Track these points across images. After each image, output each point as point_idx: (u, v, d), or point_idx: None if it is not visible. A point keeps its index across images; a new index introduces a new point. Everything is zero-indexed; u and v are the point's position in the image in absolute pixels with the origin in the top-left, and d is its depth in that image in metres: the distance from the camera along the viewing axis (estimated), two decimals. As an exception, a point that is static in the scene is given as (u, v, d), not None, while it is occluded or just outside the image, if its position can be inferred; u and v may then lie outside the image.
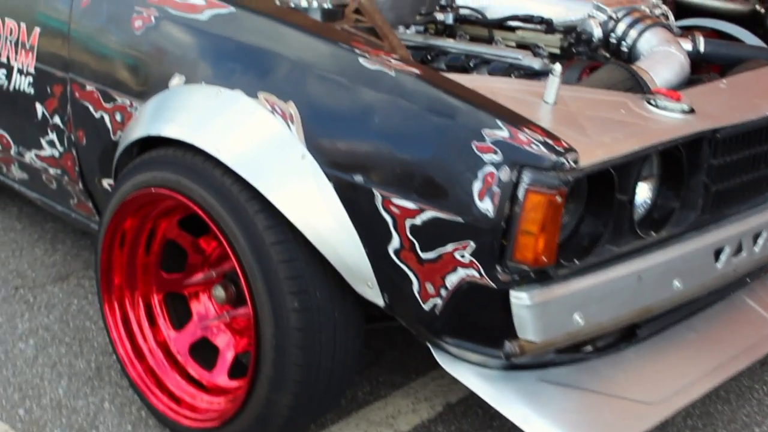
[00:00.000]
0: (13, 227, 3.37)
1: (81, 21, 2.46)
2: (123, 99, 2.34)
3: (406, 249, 1.88)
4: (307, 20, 2.16)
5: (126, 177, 2.23)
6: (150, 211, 2.24)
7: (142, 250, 2.30)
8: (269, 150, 2.00)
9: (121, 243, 2.28)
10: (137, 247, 2.29)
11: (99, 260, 2.30)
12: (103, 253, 2.29)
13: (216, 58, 2.15)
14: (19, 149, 2.82)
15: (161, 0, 2.28)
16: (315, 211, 1.95)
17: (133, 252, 2.30)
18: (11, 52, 2.68)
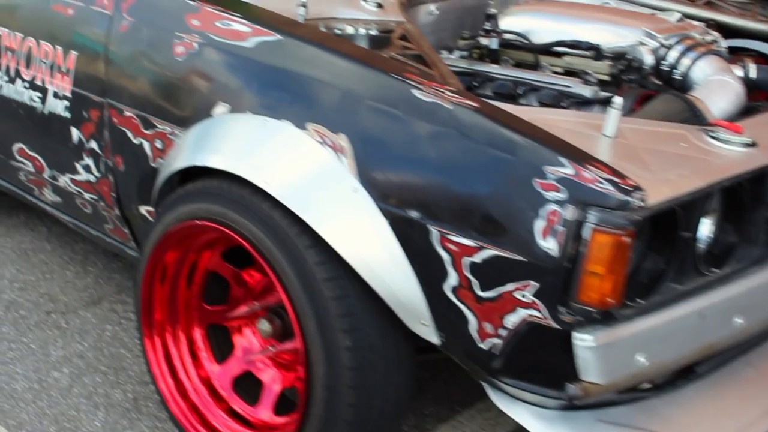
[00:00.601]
0: (42, 248, 3.32)
1: (119, 45, 2.41)
2: (163, 126, 2.29)
3: (464, 287, 1.83)
4: (356, 49, 2.10)
5: (169, 208, 2.18)
6: (192, 243, 2.20)
7: (183, 283, 2.25)
8: (319, 183, 1.95)
9: (162, 277, 2.23)
10: (178, 281, 2.25)
11: (140, 294, 2.25)
12: (144, 287, 2.24)
13: (262, 86, 2.10)
14: (53, 173, 2.77)
15: (204, 26, 2.23)
16: (368, 246, 1.90)
17: (175, 286, 2.25)
18: (46, 75, 2.63)
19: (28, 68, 2.69)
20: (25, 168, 2.88)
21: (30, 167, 2.85)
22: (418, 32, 2.37)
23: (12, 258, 3.25)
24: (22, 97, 2.73)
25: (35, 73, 2.66)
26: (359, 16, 2.39)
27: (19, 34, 2.71)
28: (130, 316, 2.91)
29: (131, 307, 2.95)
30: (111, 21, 2.43)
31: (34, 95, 2.69)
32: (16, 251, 3.30)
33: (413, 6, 2.57)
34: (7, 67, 2.77)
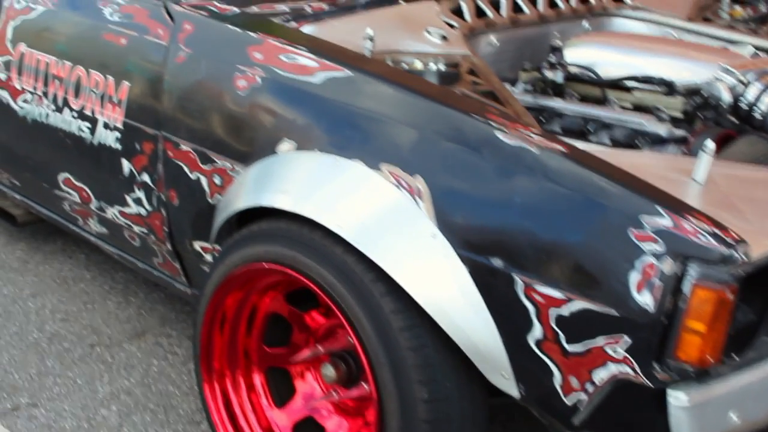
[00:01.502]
0: (82, 277, 3.25)
1: (176, 77, 2.33)
2: (223, 162, 2.22)
3: (549, 340, 1.75)
4: (431, 86, 2.03)
5: (233, 249, 2.10)
6: (255, 286, 2.13)
7: (243, 327, 2.18)
8: (395, 228, 1.87)
9: (221, 323, 2.16)
10: (239, 325, 2.18)
11: (199, 341, 2.18)
12: (203, 333, 2.17)
13: (331, 124, 2.02)
14: (101, 204, 2.70)
15: (267, 59, 2.15)
16: (447, 295, 1.82)
17: (235, 331, 2.18)
18: (96, 105, 2.56)
19: (76, 97, 2.62)
20: (70, 198, 2.81)
21: (76, 198, 2.78)
22: (486, 66, 2.29)
23: (52, 287, 3.18)
24: (70, 126, 2.67)
25: (84, 103, 2.60)
26: (424, 49, 2.31)
27: (68, 63, 2.65)
28: (176, 350, 2.83)
29: (176, 341, 2.88)
30: (167, 52, 2.36)
31: (82, 125, 2.62)
32: (55, 280, 3.23)
33: (474, 37, 2.49)
34: (54, 95, 2.70)
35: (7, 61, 2.88)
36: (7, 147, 3.05)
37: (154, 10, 2.44)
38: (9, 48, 2.87)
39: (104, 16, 2.56)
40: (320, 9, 2.38)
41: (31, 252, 3.42)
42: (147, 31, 2.43)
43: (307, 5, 2.39)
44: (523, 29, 2.63)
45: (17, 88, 2.85)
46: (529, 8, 2.65)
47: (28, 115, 2.83)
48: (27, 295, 3.13)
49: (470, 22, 2.50)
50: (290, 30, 2.24)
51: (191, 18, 2.35)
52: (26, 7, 2.83)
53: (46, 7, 2.76)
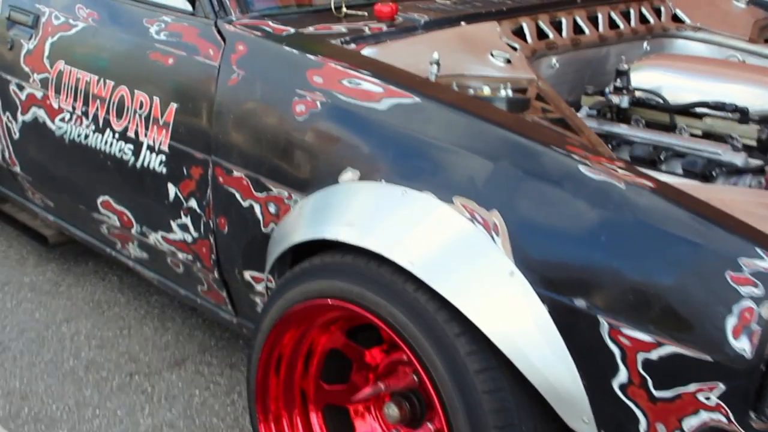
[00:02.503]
0: (116, 300, 3.16)
1: (228, 100, 2.24)
2: (279, 189, 2.12)
3: (636, 385, 1.65)
4: (505, 116, 1.93)
5: (293, 283, 2.01)
6: (314, 322, 2.03)
7: (300, 365, 2.09)
8: (470, 265, 1.78)
9: (277, 364, 2.06)
10: (295, 366, 2.08)
11: (254, 381, 2.09)
12: (259, 374, 2.08)
13: (399, 153, 1.93)
14: (143, 229, 2.61)
15: (328, 84, 2.06)
16: (525, 336, 1.73)
17: (291, 369, 2.09)
18: (140, 127, 2.47)
19: (119, 118, 2.53)
20: (109, 222, 2.72)
21: (115, 221, 2.69)
22: (553, 91, 2.20)
23: (85, 311, 3.09)
24: (112, 148, 2.58)
25: (127, 124, 2.51)
26: (488, 73, 2.22)
27: (110, 82, 2.56)
28: (218, 379, 2.74)
29: (217, 369, 2.79)
30: (218, 73, 2.27)
31: (125, 147, 2.53)
32: (89, 303, 3.14)
33: (536, 59, 2.40)
34: (95, 115, 2.61)
35: (44, 78, 2.80)
36: (43, 167, 2.97)
37: (205, 29, 2.35)
38: (46, 65, 2.79)
39: (150, 35, 2.48)
40: (379, 30, 2.28)
41: (62, 274, 3.33)
42: (196, 51, 2.34)
43: (365, 26, 2.30)
44: (583, 51, 2.53)
45: (54, 107, 2.77)
46: (590, 29, 2.54)
47: (65, 135, 2.75)
48: (60, 320, 3.03)
49: (532, 43, 2.40)
50: (351, 53, 2.15)
51: (245, 38, 2.26)
52: (65, 23, 2.74)
53: (86, 23, 2.68)
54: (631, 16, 2.68)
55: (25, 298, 3.16)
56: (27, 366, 2.78)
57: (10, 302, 3.13)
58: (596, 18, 2.60)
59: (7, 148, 3.06)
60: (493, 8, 2.48)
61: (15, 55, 2.91)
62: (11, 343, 2.89)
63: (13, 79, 2.92)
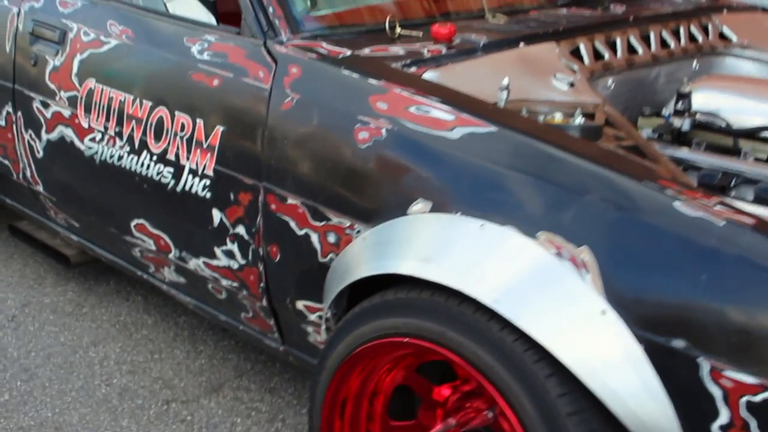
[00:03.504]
0: (143, 322, 3.07)
1: (282, 125, 2.16)
2: (340, 219, 2.05)
3: (737, 428, 1.60)
4: (588, 147, 1.87)
5: (363, 320, 1.94)
6: (384, 360, 1.95)
7: (365, 410, 2.01)
8: (559, 303, 1.71)
9: (342, 409, 1.99)
10: (361, 408, 2.01)
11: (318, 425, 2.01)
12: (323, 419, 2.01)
13: (475, 185, 1.86)
14: (182, 254, 2.52)
15: (394, 110, 1.99)
16: (620, 377, 1.67)
17: (356, 416, 2.02)
18: (181, 150, 2.38)
19: (157, 140, 2.44)
20: (144, 245, 2.63)
21: (150, 245, 2.60)
22: (620, 116, 2.14)
23: (112, 334, 3.00)
24: (149, 171, 2.49)
25: (167, 146, 2.42)
26: (553, 97, 2.15)
27: (147, 102, 2.47)
28: (258, 405, 2.66)
29: (256, 395, 2.71)
30: (269, 96, 2.19)
31: (164, 170, 2.45)
32: (114, 325, 3.05)
33: (593, 80, 2.34)
34: (130, 136, 2.52)
35: (72, 96, 2.70)
36: (69, 187, 2.87)
37: (253, 50, 2.27)
38: (75, 83, 2.69)
39: (192, 54, 2.39)
40: (438, 53, 2.21)
41: (83, 293, 3.23)
42: (245, 72, 2.26)
43: (423, 48, 2.22)
44: (636, 70, 2.47)
45: (84, 126, 2.68)
46: (643, 48, 2.49)
47: (96, 156, 2.66)
48: (87, 344, 2.94)
49: (589, 64, 2.34)
50: (415, 78, 2.08)
51: (298, 61, 2.18)
52: (95, 40, 2.65)
53: (119, 40, 2.58)
54: (681, 34, 2.62)
55: (48, 321, 3.06)
56: (57, 394, 2.69)
57: (32, 325, 3.03)
58: (648, 37, 2.54)
59: (28, 167, 2.96)
60: (550, 28, 2.41)
61: (39, 72, 2.82)
62: (38, 370, 2.80)
63: (37, 97, 2.83)
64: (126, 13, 2.63)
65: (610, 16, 2.60)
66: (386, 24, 2.31)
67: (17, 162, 3.01)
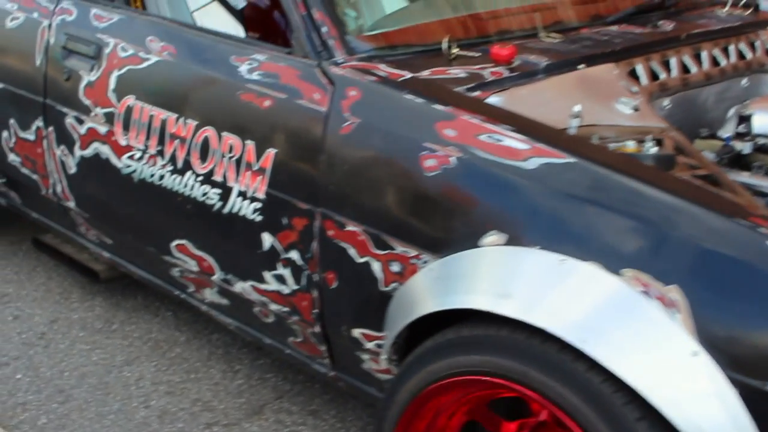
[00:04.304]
0: (175, 340, 3.01)
1: (340, 149, 2.11)
2: (405, 248, 2.00)
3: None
4: (672, 181, 1.82)
5: (436, 356, 1.89)
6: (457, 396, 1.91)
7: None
8: (648, 344, 1.67)
9: None
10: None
11: None
12: None
13: (554, 218, 1.81)
14: (227, 277, 2.47)
15: (463, 138, 1.94)
16: (713, 422, 1.63)
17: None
18: (229, 172, 2.33)
19: (203, 161, 2.38)
20: (184, 266, 2.57)
21: (192, 266, 2.54)
22: (687, 141, 2.10)
23: (145, 352, 2.94)
24: (192, 191, 2.43)
25: (214, 168, 2.36)
26: (618, 122, 2.11)
27: (192, 122, 2.41)
28: (301, 430, 2.61)
29: (299, 418, 2.67)
30: (327, 119, 2.13)
31: (210, 191, 2.39)
32: (147, 343, 2.99)
33: (652, 101, 2.29)
34: (172, 156, 2.46)
35: (109, 113, 2.64)
36: (103, 204, 2.81)
37: (307, 70, 2.21)
38: (112, 99, 2.62)
39: (240, 74, 2.33)
40: (500, 75, 2.16)
41: (111, 309, 3.17)
42: (299, 94, 2.20)
43: (484, 70, 2.17)
44: (690, 90, 2.43)
45: (121, 144, 2.61)
46: (696, 67, 2.44)
47: (134, 174, 2.59)
48: (120, 363, 2.88)
49: (647, 85, 2.29)
50: (483, 104, 2.03)
51: (357, 83, 2.12)
52: (134, 56, 2.58)
53: (160, 57, 2.52)
54: (730, 51, 2.58)
55: (78, 338, 3.00)
56: (96, 417, 2.63)
57: (62, 342, 2.97)
58: (699, 55, 2.50)
59: (59, 182, 2.89)
60: (607, 48, 2.36)
61: (72, 87, 2.75)
62: (73, 391, 2.74)
63: (70, 112, 2.76)
64: (166, 29, 2.57)
65: (661, 34, 2.55)
66: (443, 44, 2.25)
67: (46, 177, 2.95)
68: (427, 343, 1.93)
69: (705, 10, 2.92)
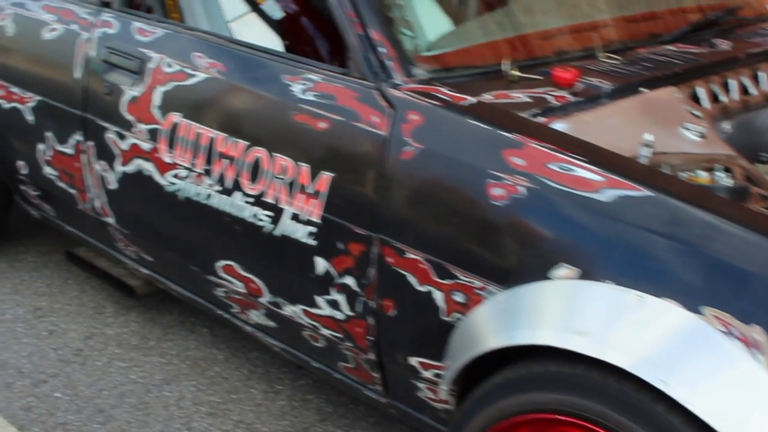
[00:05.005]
0: (214, 358, 2.97)
1: (402, 175, 2.06)
2: (469, 278, 1.95)
3: None
4: (747, 213, 1.77)
5: (506, 392, 1.85)
6: None
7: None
8: (731, 386, 1.63)
9: None
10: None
11: None
12: None
13: (629, 252, 1.77)
14: (276, 300, 2.42)
15: (532, 167, 1.89)
16: (801, 467, 1.57)
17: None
18: (282, 194, 2.28)
19: (254, 182, 2.34)
20: (230, 287, 2.53)
21: (239, 287, 2.50)
22: (756, 169, 2.05)
23: (184, 370, 2.89)
24: (241, 212, 2.38)
25: (265, 189, 2.31)
26: (685, 149, 2.06)
27: (242, 142, 2.36)
28: (349, 454, 2.57)
29: (345, 441, 2.61)
30: (387, 144, 2.09)
31: (260, 213, 2.34)
32: (184, 361, 2.95)
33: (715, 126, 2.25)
34: (221, 176, 2.41)
35: (153, 129, 2.59)
36: (145, 222, 2.76)
37: (365, 92, 2.17)
38: (156, 116, 2.58)
39: (293, 94, 2.28)
40: (564, 100, 2.11)
41: (147, 324, 3.13)
42: (356, 117, 2.15)
43: (546, 94, 2.12)
44: (749, 113, 2.39)
45: (166, 161, 2.56)
46: (756, 88, 2.40)
47: (179, 192, 2.55)
48: (159, 381, 2.84)
49: (710, 109, 2.25)
50: (551, 131, 1.98)
51: (419, 107, 2.07)
52: (180, 72, 2.53)
53: (208, 74, 2.47)
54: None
55: (115, 355, 2.95)
56: (138, 439, 2.58)
57: (99, 359, 2.93)
58: (757, 75, 2.45)
59: (98, 198, 2.85)
60: (667, 70, 2.32)
61: (114, 102, 2.70)
62: (114, 411, 2.70)
63: (112, 127, 2.71)
64: (214, 45, 2.52)
65: (720, 53, 2.50)
66: (503, 66, 2.20)
67: (84, 191, 2.90)
68: (495, 378, 1.89)
69: (756, 27, 2.87)
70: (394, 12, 2.26)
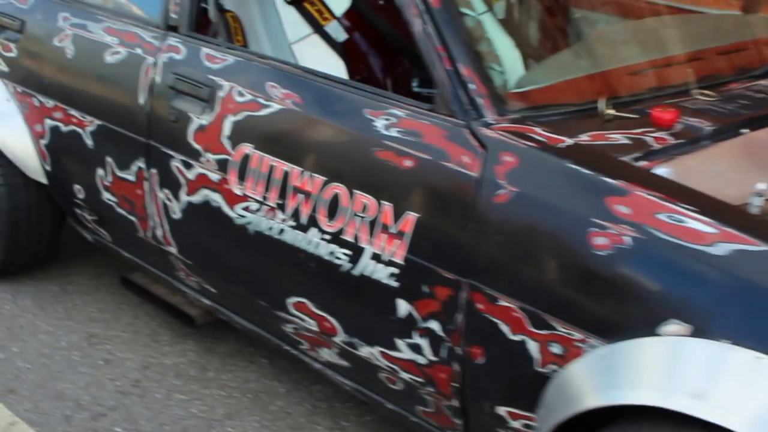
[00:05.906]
0: (275, 391, 2.89)
1: (495, 219, 1.99)
2: (568, 330, 1.87)
3: None
4: None
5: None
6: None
7: None
8: None
9: None
10: None
11: None
12: None
13: (747, 310, 1.69)
14: (352, 340, 2.35)
15: (638, 216, 1.81)
16: None
17: None
18: (362, 233, 2.20)
19: (331, 219, 2.26)
20: (302, 324, 2.46)
21: (311, 326, 2.42)
22: None
23: (245, 404, 2.82)
24: (317, 249, 2.30)
25: (344, 227, 2.24)
26: None
27: (319, 177, 2.28)
28: (420, 498, 2.47)
29: (416, 485, 2.52)
30: (479, 185, 2.01)
31: (337, 251, 2.26)
32: (246, 394, 2.87)
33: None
34: (295, 211, 2.34)
35: (222, 160, 2.51)
36: (211, 253, 2.69)
37: (454, 130, 2.09)
38: (226, 146, 2.50)
39: (375, 129, 2.20)
40: (665, 142, 2.03)
41: (204, 354, 3.05)
42: (445, 156, 2.07)
43: (645, 135, 2.04)
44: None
45: (236, 193, 2.49)
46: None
47: (250, 226, 2.47)
48: (221, 416, 2.76)
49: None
50: (656, 177, 1.90)
51: (514, 149, 1.99)
52: (252, 102, 2.45)
53: (283, 105, 2.39)
54: None
55: (174, 387, 2.88)
56: (204, 479, 2.51)
57: (157, 392, 2.85)
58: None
59: (161, 227, 2.77)
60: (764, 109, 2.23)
61: (180, 129, 2.63)
62: (177, 448, 2.62)
63: (177, 155, 2.64)
64: (288, 75, 2.44)
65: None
66: (599, 105, 2.12)
67: (145, 219, 2.83)
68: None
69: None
70: (483, 45, 2.17)
